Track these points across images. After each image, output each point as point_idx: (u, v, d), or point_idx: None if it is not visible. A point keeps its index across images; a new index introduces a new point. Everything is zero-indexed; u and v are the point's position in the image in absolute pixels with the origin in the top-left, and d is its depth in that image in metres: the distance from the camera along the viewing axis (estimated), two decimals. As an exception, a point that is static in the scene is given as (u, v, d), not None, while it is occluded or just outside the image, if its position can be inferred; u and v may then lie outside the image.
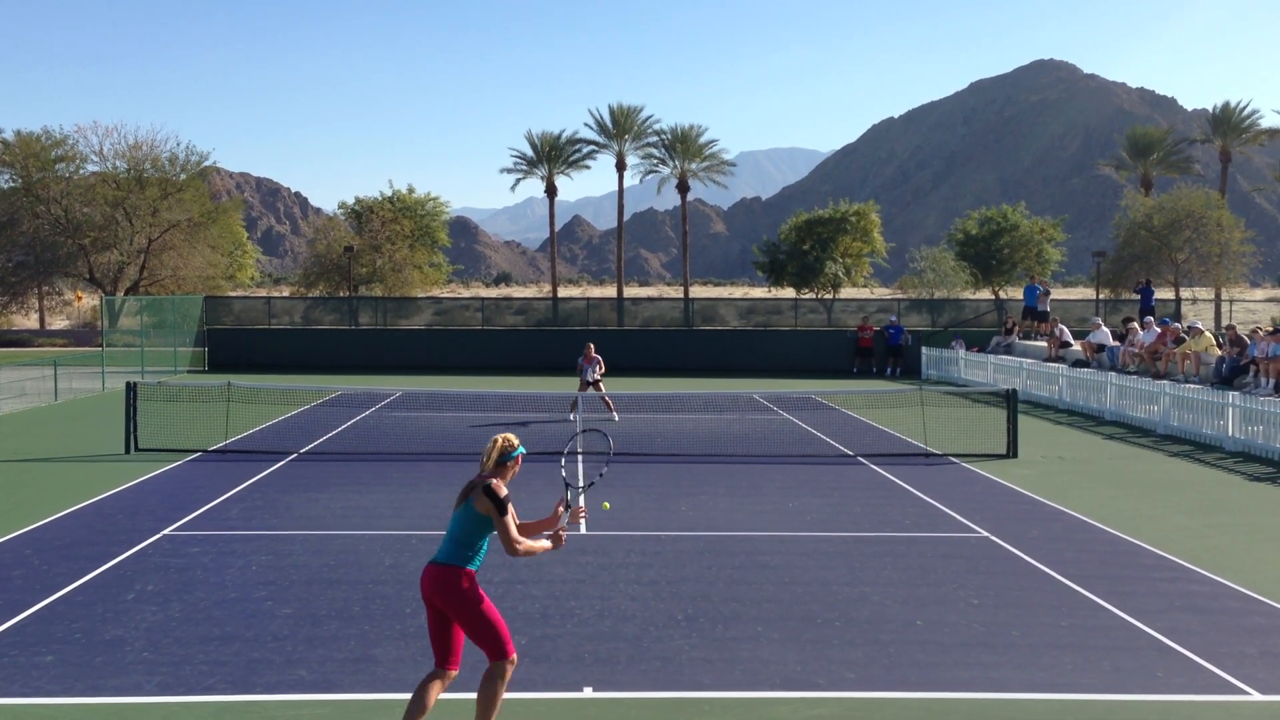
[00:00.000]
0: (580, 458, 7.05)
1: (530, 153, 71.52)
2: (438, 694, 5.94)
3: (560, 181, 72.14)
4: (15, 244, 52.30)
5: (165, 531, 11.48)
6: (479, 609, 5.84)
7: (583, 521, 6.05)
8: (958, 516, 12.68)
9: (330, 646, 7.82)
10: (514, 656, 5.95)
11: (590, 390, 21.04)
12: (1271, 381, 19.38)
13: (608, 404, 21.54)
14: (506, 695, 6.86)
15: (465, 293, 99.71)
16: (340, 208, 66.04)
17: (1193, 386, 20.21)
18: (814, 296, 56.72)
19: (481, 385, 29.31)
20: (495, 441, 6.03)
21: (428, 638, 7.95)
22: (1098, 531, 11.98)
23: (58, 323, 61.53)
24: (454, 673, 5.99)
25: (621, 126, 70.60)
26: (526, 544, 5.94)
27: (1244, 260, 56.21)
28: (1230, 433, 18.25)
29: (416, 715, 5.88)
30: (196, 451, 16.92)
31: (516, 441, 6.07)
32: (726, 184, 74.86)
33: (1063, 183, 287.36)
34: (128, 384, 17.51)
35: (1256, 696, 7.07)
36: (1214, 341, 22.99)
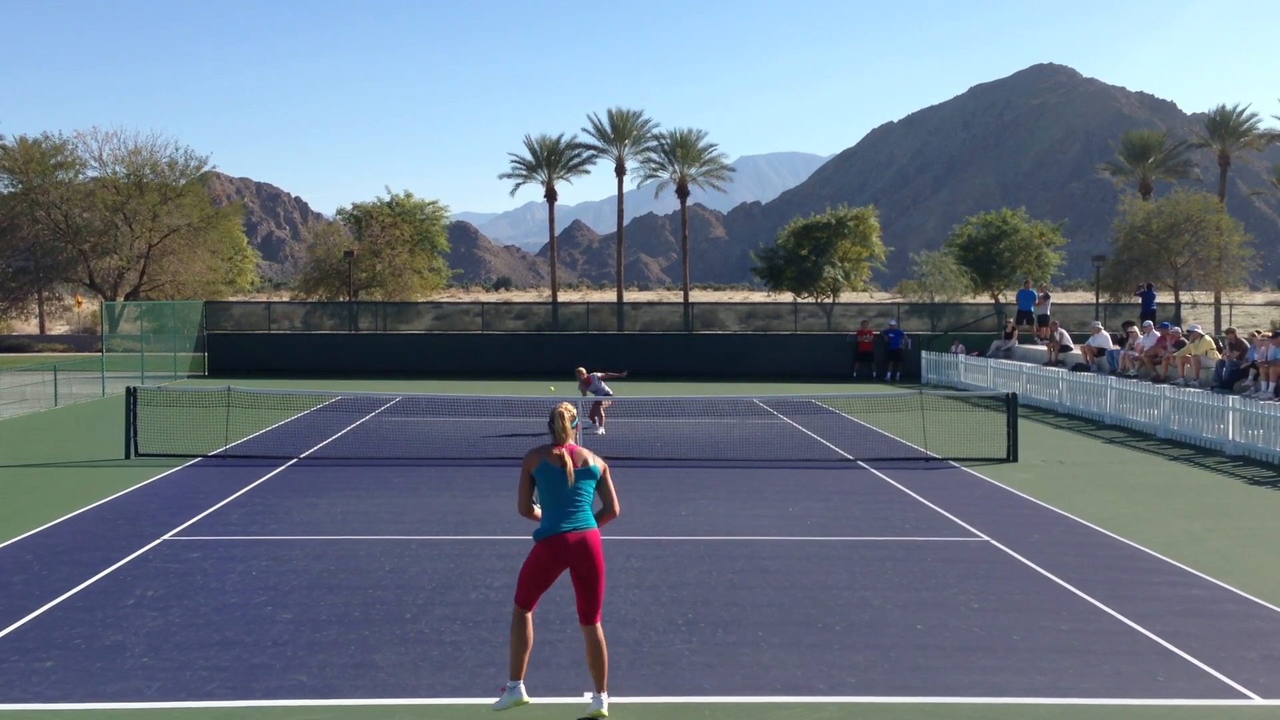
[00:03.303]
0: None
1: (529, 157, 71.57)
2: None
3: (560, 186, 72.22)
4: (15, 249, 52.31)
5: (165, 537, 11.48)
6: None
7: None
8: (958, 520, 12.68)
9: (330, 652, 7.82)
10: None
11: (589, 396, 20.27)
12: (1271, 385, 19.38)
13: (600, 415, 20.37)
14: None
15: (465, 297, 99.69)
16: (339, 213, 66.06)
17: (1193, 390, 20.21)
18: (814, 301, 56.73)
19: (481, 390, 29.32)
20: (565, 413, 6.84)
21: (428, 643, 8.00)
22: (1098, 535, 11.98)
23: (58, 328, 61.53)
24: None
25: (621, 131, 70.64)
26: None
27: (1243, 264, 56.24)
28: (1230, 436, 18.25)
29: (524, 651, 6.66)
30: (196, 457, 16.93)
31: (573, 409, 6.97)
32: (726, 189, 74.85)
33: (1062, 187, 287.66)
34: (128, 389, 17.51)
35: (1257, 700, 7.07)
36: (1214, 345, 22.99)
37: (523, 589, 6.67)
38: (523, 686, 6.66)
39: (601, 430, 20.22)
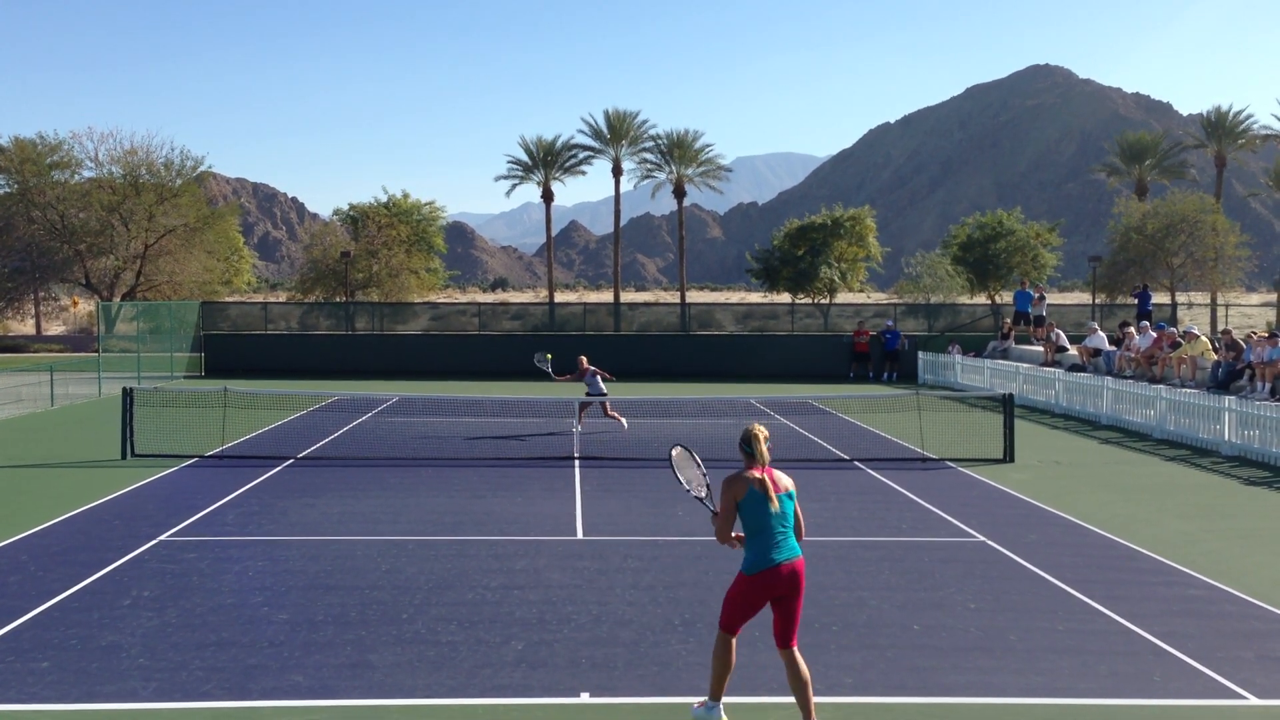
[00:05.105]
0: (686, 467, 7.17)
1: (526, 158, 71.60)
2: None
3: (556, 187, 72.20)
4: (11, 249, 52.19)
5: (162, 537, 11.47)
6: None
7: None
8: (954, 521, 12.68)
9: (327, 652, 7.81)
10: None
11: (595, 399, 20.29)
12: (1267, 385, 19.41)
13: (615, 416, 20.58)
14: (505, 701, 6.89)
15: (462, 298, 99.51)
16: (336, 213, 66.00)
17: (1189, 391, 20.24)
18: (810, 301, 56.73)
19: (478, 390, 29.31)
20: (760, 434, 6.66)
21: (425, 643, 7.99)
22: (1094, 536, 11.99)
23: (54, 328, 61.43)
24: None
25: (617, 132, 70.64)
26: None
27: (1239, 265, 56.29)
28: (1226, 437, 18.27)
29: (726, 673, 6.49)
30: (193, 457, 16.91)
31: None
32: (723, 189, 74.84)
33: (1059, 187, 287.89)
34: (124, 389, 17.48)
35: (1254, 701, 7.08)
36: (1210, 346, 23.02)
37: (730, 616, 6.47)
38: (721, 708, 6.57)
39: (624, 423, 20.58)
